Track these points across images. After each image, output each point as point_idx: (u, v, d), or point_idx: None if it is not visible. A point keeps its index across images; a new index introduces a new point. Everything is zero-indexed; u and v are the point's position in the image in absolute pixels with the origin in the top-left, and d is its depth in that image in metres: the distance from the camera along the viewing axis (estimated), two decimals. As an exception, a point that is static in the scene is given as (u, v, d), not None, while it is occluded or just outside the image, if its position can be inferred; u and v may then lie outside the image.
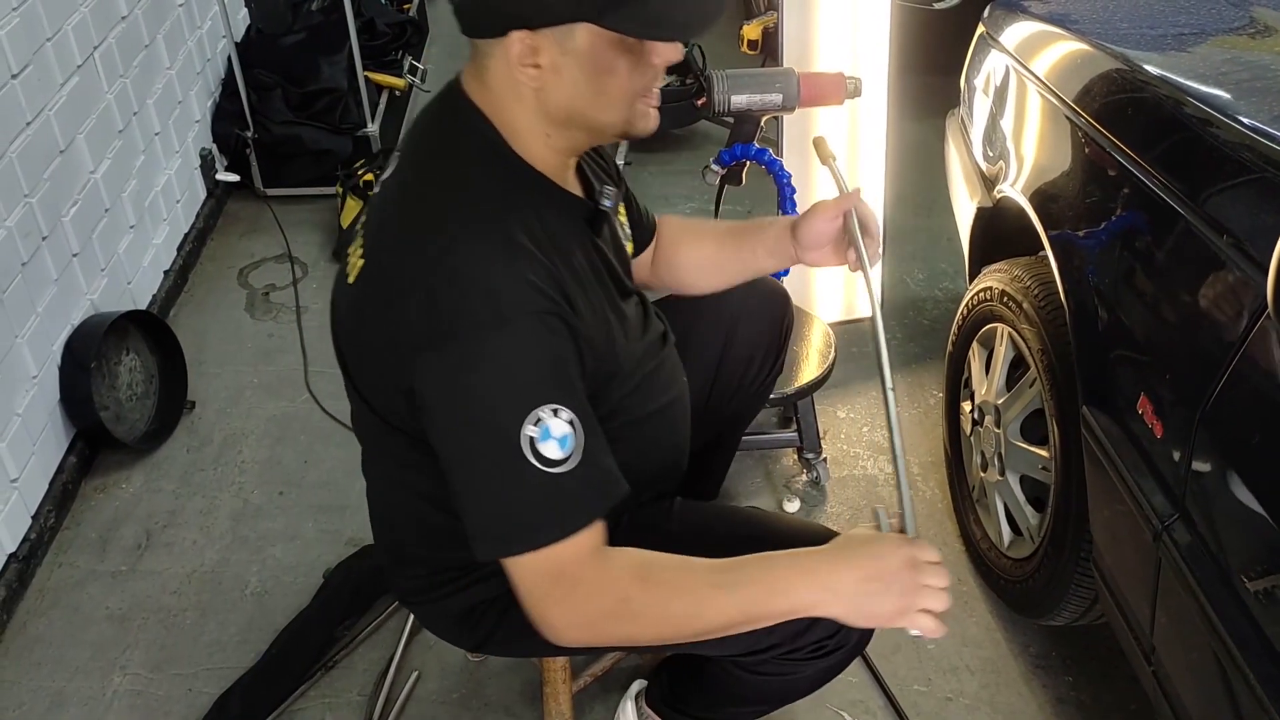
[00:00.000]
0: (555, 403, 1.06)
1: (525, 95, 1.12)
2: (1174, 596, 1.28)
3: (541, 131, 1.14)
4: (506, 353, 1.06)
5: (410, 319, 1.08)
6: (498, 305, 1.05)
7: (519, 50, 1.07)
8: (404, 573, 1.40)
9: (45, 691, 1.85)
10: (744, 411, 1.75)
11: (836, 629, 1.25)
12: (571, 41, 1.07)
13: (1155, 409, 1.31)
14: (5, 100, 2.03)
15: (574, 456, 1.06)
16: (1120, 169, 1.45)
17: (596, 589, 1.11)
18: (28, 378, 2.09)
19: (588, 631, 1.13)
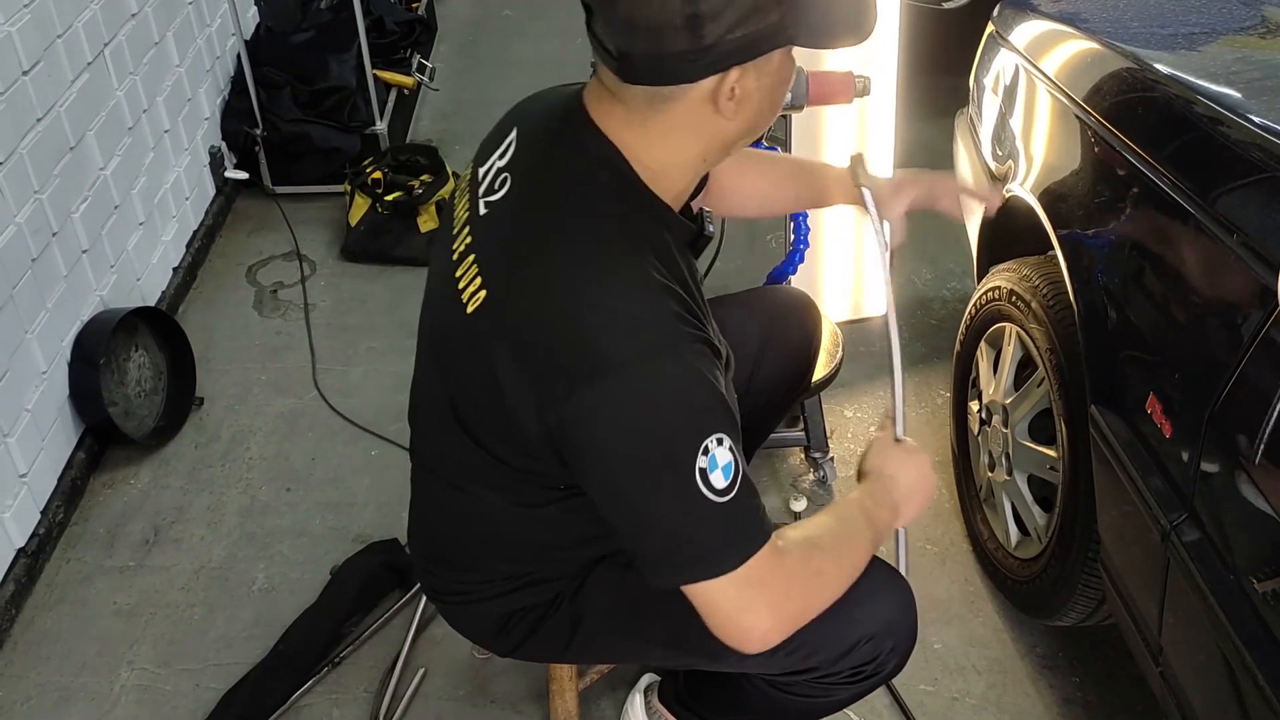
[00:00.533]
0: (720, 432, 1.04)
1: (705, 129, 1.08)
2: (1182, 597, 1.28)
3: (697, 163, 1.12)
4: (672, 384, 1.04)
5: (556, 359, 1.05)
6: (652, 337, 1.03)
7: (725, 87, 1.03)
8: (447, 575, 1.39)
9: (53, 686, 1.86)
10: (764, 426, 1.75)
11: (875, 654, 1.26)
12: (769, 65, 1.04)
13: (1164, 408, 1.30)
14: (16, 97, 2.04)
15: (738, 483, 1.05)
16: (1130, 168, 1.44)
17: (796, 577, 1.12)
18: (37, 373, 2.09)
19: (795, 622, 1.13)
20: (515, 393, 1.08)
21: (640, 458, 1.04)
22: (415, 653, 1.88)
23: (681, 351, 1.04)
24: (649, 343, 1.03)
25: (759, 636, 1.10)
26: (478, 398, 1.17)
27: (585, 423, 1.04)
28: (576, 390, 1.03)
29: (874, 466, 1.29)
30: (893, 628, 1.28)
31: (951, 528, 2.10)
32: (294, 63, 3.17)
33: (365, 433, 2.36)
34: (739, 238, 2.86)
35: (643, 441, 1.04)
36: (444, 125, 3.65)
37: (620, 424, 1.03)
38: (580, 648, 1.37)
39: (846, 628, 1.25)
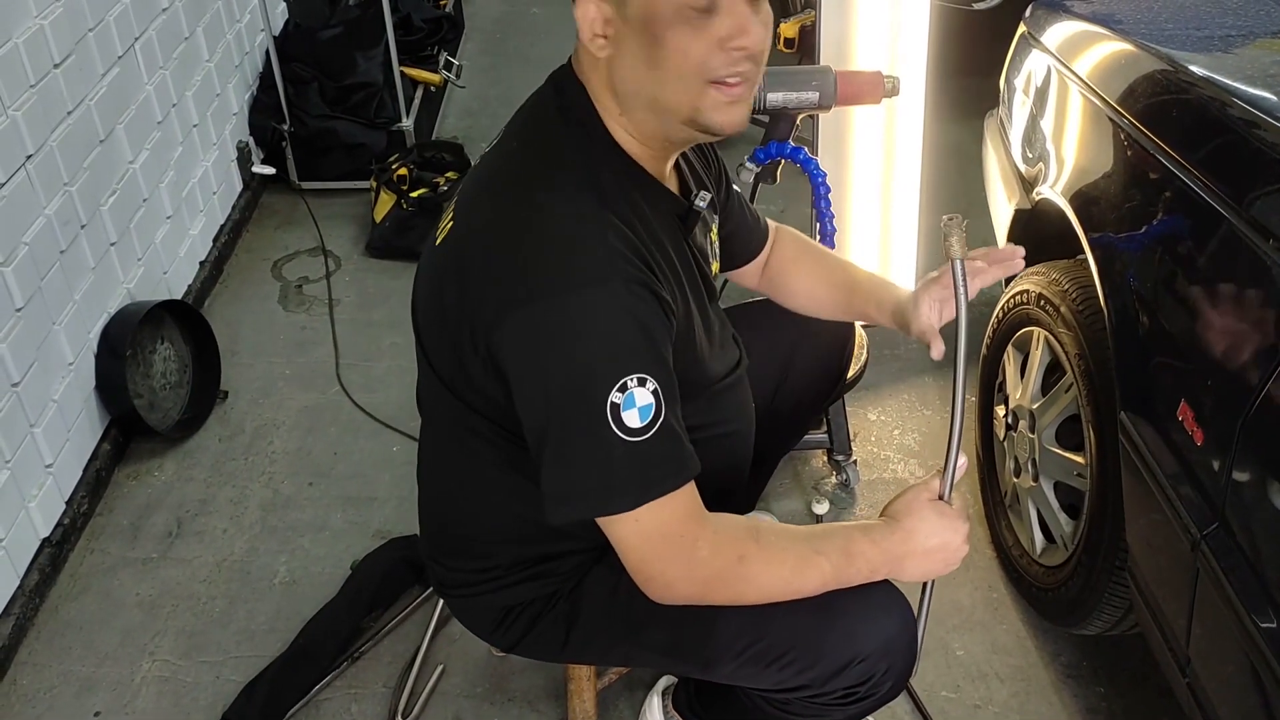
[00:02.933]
0: (642, 372, 1.05)
1: (600, 70, 1.12)
2: (1211, 607, 1.26)
3: (617, 112, 1.14)
4: (598, 316, 1.05)
5: (499, 276, 1.07)
6: (589, 267, 1.05)
7: (588, 16, 1.08)
8: (448, 564, 1.40)
9: (75, 676, 1.87)
10: (792, 434, 1.75)
11: (869, 675, 1.24)
12: (627, 7, 1.06)
13: (1196, 416, 1.28)
14: (48, 90, 2.05)
15: (654, 427, 1.06)
16: (1164, 171, 1.42)
17: (715, 548, 1.13)
18: (64, 365, 2.11)
19: (700, 588, 1.15)
20: (459, 314, 1.12)
21: (554, 385, 1.06)
22: (434, 649, 1.88)
23: (612, 287, 1.05)
24: (579, 274, 1.05)
25: (660, 588, 1.14)
26: (435, 329, 1.20)
27: (509, 345, 1.07)
28: (504, 311, 1.06)
29: (896, 513, 1.23)
30: (889, 650, 1.24)
31: (975, 533, 2.08)
32: (322, 59, 3.19)
33: (387, 428, 2.37)
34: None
35: (557, 370, 1.06)
36: (469, 122, 3.65)
37: (541, 349, 1.05)
38: (576, 647, 1.36)
39: (841, 645, 1.22)
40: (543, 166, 1.13)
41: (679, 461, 1.10)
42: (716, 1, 1.05)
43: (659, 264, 1.12)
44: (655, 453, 1.07)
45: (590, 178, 1.11)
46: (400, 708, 1.79)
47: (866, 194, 2.42)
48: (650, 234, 1.13)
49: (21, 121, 1.96)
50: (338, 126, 3.13)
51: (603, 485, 1.08)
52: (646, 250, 1.10)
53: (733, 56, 1.07)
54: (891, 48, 2.28)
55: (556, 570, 1.32)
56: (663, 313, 1.09)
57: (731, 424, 1.38)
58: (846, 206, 2.39)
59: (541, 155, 1.14)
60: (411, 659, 1.86)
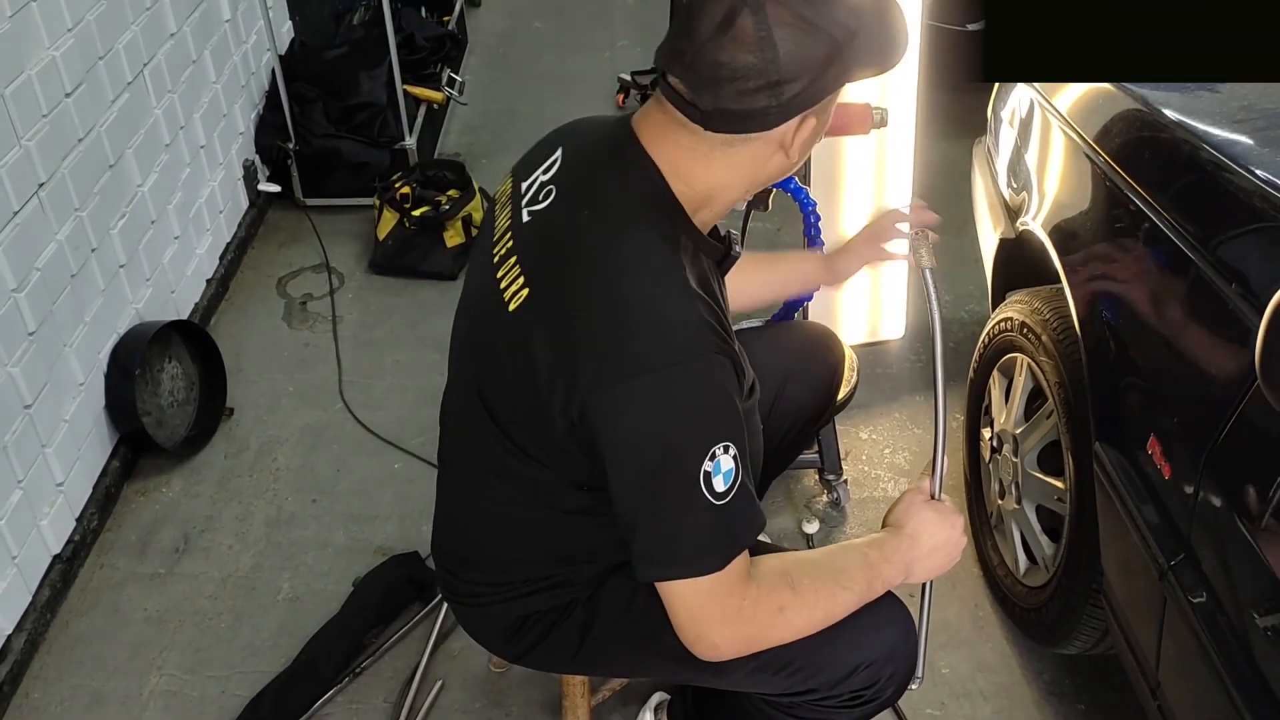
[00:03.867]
0: (728, 440, 1.11)
1: (758, 166, 1.15)
2: (1178, 634, 1.31)
3: (740, 192, 1.20)
4: (690, 391, 1.10)
5: (589, 353, 1.11)
6: (683, 344, 1.10)
7: (798, 131, 1.12)
8: (461, 575, 1.43)
9: (85, 690, 1.93)
10: (783, 458, 1.79)
11: (874, 680, 1.30)
12: (827, 110, 1.13)
13: (1164, 449, 1.33)
14: (59, 118, 2.11)
15: (736, 488, 1.12)
16: (1136, 210, 1.47)
17: (756, 605, 1.18)
18: (75, 385, 2.17)
19: (746, 645, 1.21)
20: (548, 383, 1.14)
21: (651, 457, 1.11)
22: (433, 665, 1.93)
23: (708, 362, 1.10)
24: (679, 349, 1.09)
25: (707, 647, 1.18)
26: (512, 391, 1.22)
27: (607, 417, 1.11)
28: (604, 384, 1.10)
29: (898, 520, 1.30)
30: (892, 656, 1.31)
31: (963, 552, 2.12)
32: (326, 78, 3.24)
33: (389, 446, 2.42)
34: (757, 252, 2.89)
35: (656, 442, 1.10)
36: (471, 138, 3.71)
37: (639, 423, 1.10)
38: (588, 656, 1.41)
39: (847, 653, 1.29)
40: (628, 234, 1.14)
41: (755, 516, 1.17)
42: None
43: (728, 325, 1.17)
44: (739, 513, 1.13)
45: (676, 254, 1.14)
46: (400, 722, 1.84)
47: (859, 217, 2.46)
48: (715, 296, 1.18)
49: (34, 151, 2.02)
50: (342, 145, 3.19)
51: (696, 549, 1.14)
52: (722, 314, 1.16)
53: None
54: (882, 74, 2.32)
55: (573, 581, 1.37)
56: (738, 378, 1.15)
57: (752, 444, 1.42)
58: (838, 232, 2.44)
59: (625, 222, 1.15)
60: (411, 674, 1.91)
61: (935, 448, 1.32)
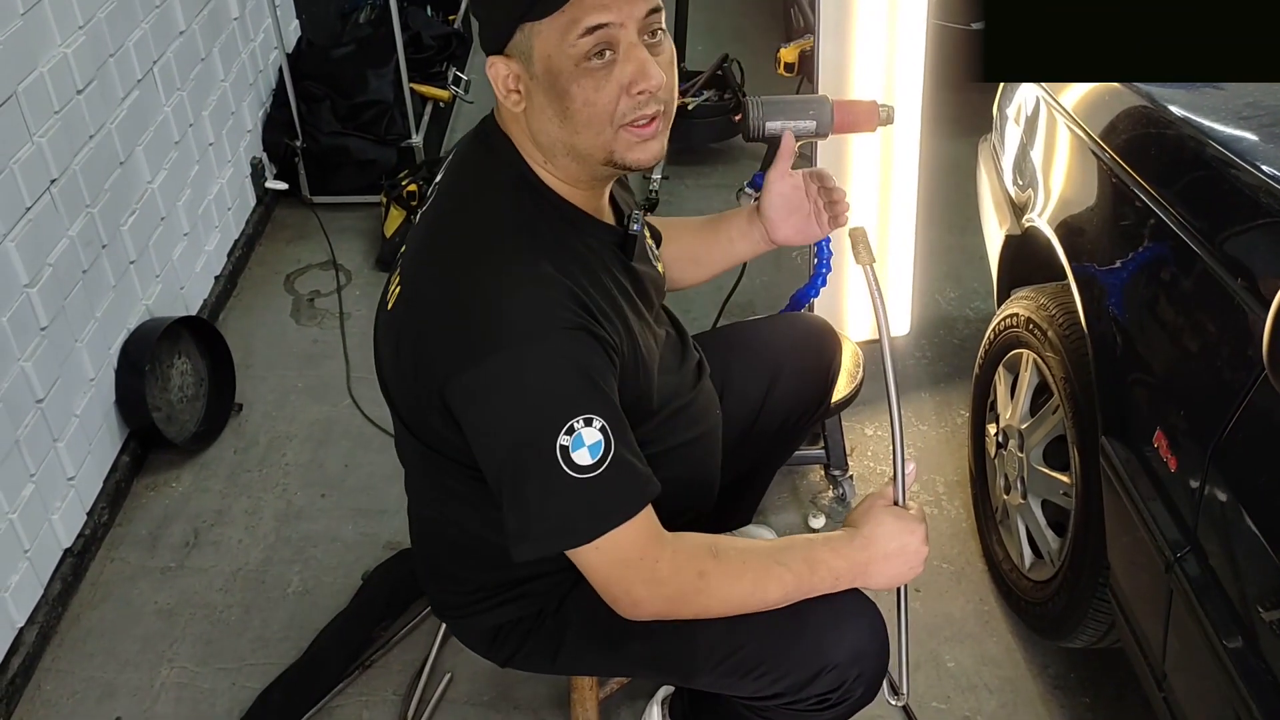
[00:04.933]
0: (588, 413, 1.12)
1: (520, 122, 1.18)
2: (1184, 626, 1.32)
3: (542, 159, 1.20)
4: (538, 369, 1.12)
5: (443, 341, 1.14)
6: (526, 324, 1.11)
7: (498, 76, 1.15)
8: (439, 587, 1.47)
9: (97, 682, 1.94)
10: (781, 449, 1.80)
11: (841, 682, 1.30)
12: (532, 64, 1.12)
13: (1170, 443, 1.34)
14: (71, 115, 2.13)
15: (606, 462, 1.13)
16: (1142, 206, 1.48)
17: (675, 567, 1.20)
18: (86, 380, 2.18)
19: (665, 605, 1.22)
20: (415, 377, 1.18)
21: (506, 435, 1.14)
22: (442, 658, 1.95)
23: (551, 340, 1.11)
24: (521, 329, 1.11)
25: (628, 607, 1.21)
26: (400, 390, 1.26)
27: (463, 402, 1.14)
28: (455, 371, 1.13)
29: (855, 521, 1.30)
30: (859, 657, 1.29)
31: (968, 547, 2.14)
32: (334, 76, 3.26)
33: (397, 441, 2.44)
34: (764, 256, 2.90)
35: (508, 420, 1.13)
36: (478, 137, 3.71)
37: (490, 404, 1.13)
38: (566, 662, 1.44)
39: (810, 656, 1.28)
40: (478, 227, 1.18)
41: (633, 490, 1.17)
42: (614, 51, 1.11)
43: (599, 304, 1.17)
44: (608, 486, 1.14)
45: (525, 233, 1.17)
46: (409, 715, 1.85)
47: (865, 214, 2.47)
48: (589, 274, 1.19)
49: (46, 147, 2.03)
50: (349, 143, 3.20)
51: (560, 523, 1.15)
52: (585, 294, 1.16)
53: (637, 100, 1.13)
54: (889, 70, 2.34)
55: (536, 590, 1.39)
56: (604, 352, 1.16)
57: (700, 426, 1.43)
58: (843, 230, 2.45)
59: (477, 215, 1.19)
60: (420, 667, 1.93)
61: (895, 453, 1.31)
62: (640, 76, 1.12)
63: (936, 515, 2.22)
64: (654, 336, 1.33)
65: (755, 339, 1.73)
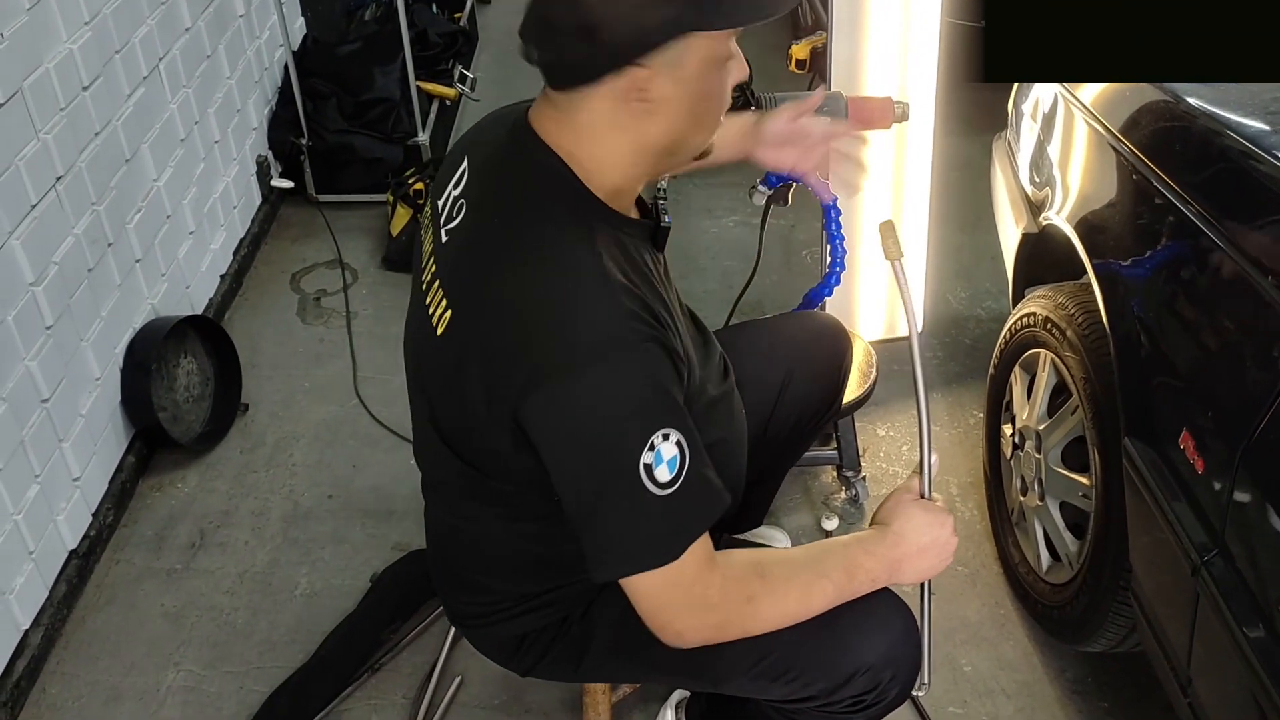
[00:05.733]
0: (666, 427, 1.09)
1: (627, 128, 1.13)
2: (1211, 630, 1.29)
3: (630, 163, 1.16)
4: (616, 385, 1.09)
5: (515, 361, 1.10)
6: (600, 340, 1.08)
7: (628, 86, 1.10)
8: (461, 598, 1.44)
9: (102, 686, 1.92)
10: (792, 450, 1.78)
11: (875, 684, 1.28)
12: (681, 70, 1.10)
13: (1197, 444, 1.32)
14: (76, 112, 2.10)
15: (684, 475, 1.10)
16: (1165, 201, 1.46)
17: (724, 593, 1.17)
18: (91, 379, 2.16)
19: (712, 632, 1.20)
20: (485, 401, 1.15)
21: (588, 456, 1.11)
22: (452, 661, 1.92)
23: (632, 352, 1.09)
24: (599, 346, 1.08)
25: (673, 635, 1.17)
26: (456, 414, 1.22)
27: (541, 424, 1.11)
28: (532, 392, 1.09)
29: (884, 518, 1.29)
30: (892, 658, 1.28)
31: (983, 549, 2.11)
32: (340, 74, 3.23)
33: (405, 442, 2.41)
34: (775, 255, 2.89)
35: (590, 440, 1.10)
36: (484, 135, 3.69)
37: (570, 424, 1.10)
38: (590, 669, 1.41)
39: (843, 658, 1.27)
40: (537, 240, 1.14)
41: (710, 500, 1.15)
42: (735, 50, 1.16)
43: (659, 308, 1.15)
44: (689, 499, 1.11)
45: (585, 242, 1.13)
46: (419, 718, 1.83)
47: (877, 213, 2.45)
48: (642, 276, 1.16)
49: (52, 144, 2.01)
50: (355, 141, 3.18)
51: (647, 542, 1.12)
52: (647, 299, 1.13)
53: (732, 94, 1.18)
54: (901, 68, 2.31)
55: (563, 597, 1.36)
56: (672, 363, 1.13)
57: (728, 428, 1.41)
58: (857, 225, 2.43)
59: (534, 228, 1.15)
60: (430, 670, 1.90)
61: (921, 446, 1.31)
62: (743, 73, 1.17)
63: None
64: (686, 330, 1.29)
65: (766, 339, 1.71)
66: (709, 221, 3.16)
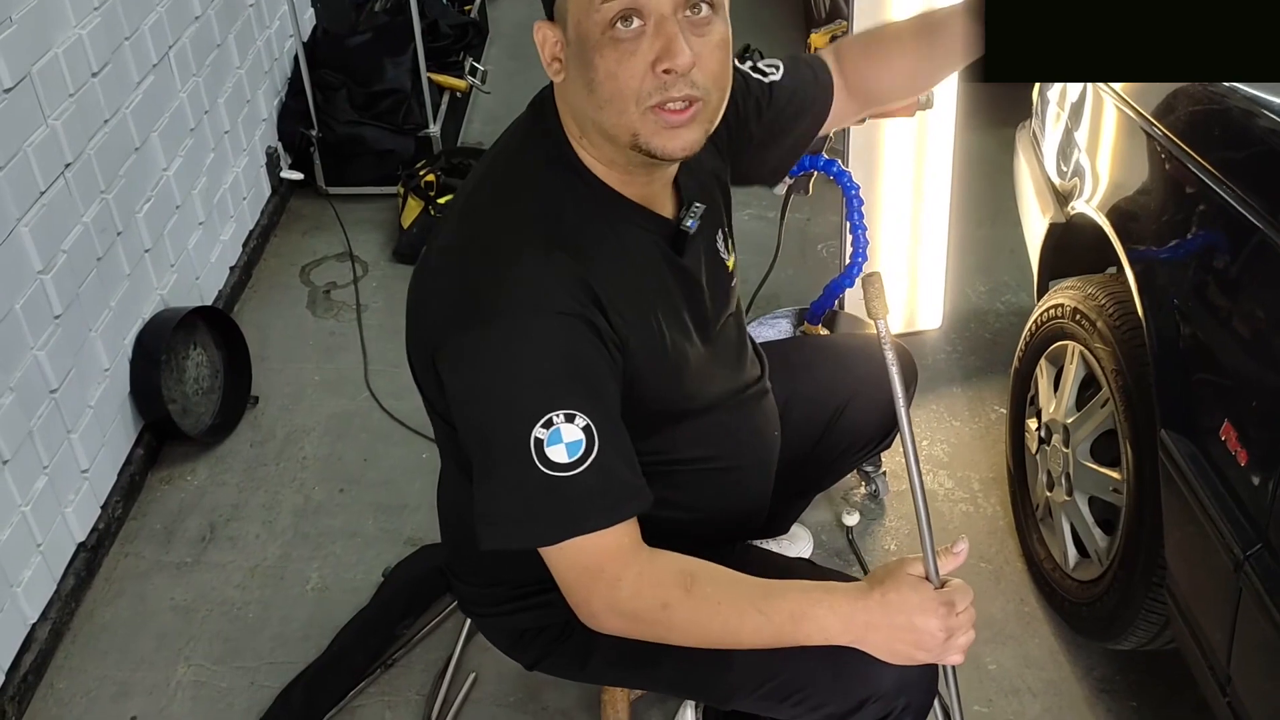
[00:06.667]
0: (571, 408, 1.04)
1: (562, 95, 1.13)
2: (1254, 627, 1.26)
3: (579, 135, 1.13)
4: (524, 351, 1.05)
5: (443, 305, 1.10)
6: (518, 297, 1.06)
7: (544, 41, 1.09)
8: (464, 580, 1.42)
9: (111, 680, 1.89)
10: (835, 472, 1.71)
11: (887, 712, 1.21)
12: (568, 29, 1.06)
13: (1239, 435, 1.28)
14: (85, 99, 2.07)
15: (584, 463, 1.05)
16: (1203, 187, 1.42)
17: (638, 591, 1.11)
18: (100, 371, 2.13)
19: (626, 624, 1.14)
20: (418, 345, 1.15)
21: (480, 412, 1.08)
22: (466, 657, 1.89)
23: (545, 321, 1.05)
24: (514, 304, 1.05)
25: (586, 616, 1.14)
26: (416, 359, 1.20)
27: (449, 367, 1.09)
28: (448, 334, 1.08)
29: (875, 578, 1.14)
30: (904, 686, 1.20)
31: (1006, 545, 2.08)
32: (350, 65, 3.20)
33: (416, 435, 2.38)
34: (791, 248, 2.85)
35: (486, 397, 1.07)
36: (494, 128, 3.66)
37: (472, 375, 1.07)
38: (594, 674, 1.38)
39: (855, 685, 1.20)
40: (503, 200, 1.13)
41: (612, 498, 1.08)
42: (643, 22, 1.02)
43: (614, 296, 1.10)
44: (583, 489, 1.06)
45: (548, 209, 1.11)
46: (434, 715, 1.80)
47: (898, 204, 2.42)
48: (614, 263, 1.12)
49: (61, 131, 1.98)
50: (365, 132, 3.15)
51: (526, 516, 1.08)
52: (600, 283, 1.09)
53: (663, 80, 1.02)
54: (923, 58, 2.27)
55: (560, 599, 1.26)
56: (602, 345, 1.08)
57: (753, 447, 1.34)
58: (877, 217, 2.39)
59: (506, 188, 1.15)
60: (444, 667, 1.87)
61: (920, 524, 1.15)
62: (665, 54, 1.01)
63: (973, 513, 2.16)
64: (689, 339, 1.23)
65: (830, 362, 1.61)
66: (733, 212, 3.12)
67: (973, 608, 1.14)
